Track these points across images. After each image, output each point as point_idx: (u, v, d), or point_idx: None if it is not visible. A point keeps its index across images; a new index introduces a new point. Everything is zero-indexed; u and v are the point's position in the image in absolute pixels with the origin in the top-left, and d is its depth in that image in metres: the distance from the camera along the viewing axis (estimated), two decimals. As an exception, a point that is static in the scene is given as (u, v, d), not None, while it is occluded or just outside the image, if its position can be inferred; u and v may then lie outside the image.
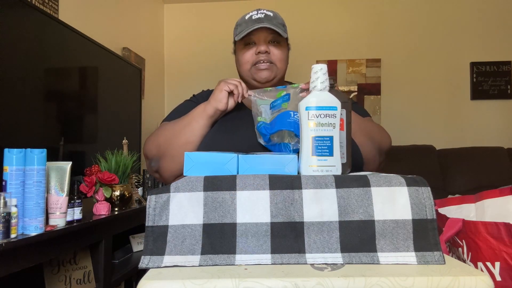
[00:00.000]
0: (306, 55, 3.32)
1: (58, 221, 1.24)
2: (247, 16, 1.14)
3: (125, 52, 2.81)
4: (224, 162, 0.72)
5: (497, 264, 0.96)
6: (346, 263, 0.61)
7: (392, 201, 0.64)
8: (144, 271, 0.61)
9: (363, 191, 0.64)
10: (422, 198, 0.64)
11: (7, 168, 1.07)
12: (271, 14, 1.13)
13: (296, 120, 0.91)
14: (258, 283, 0.53)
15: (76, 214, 1.35)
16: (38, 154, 1.11)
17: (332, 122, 0.73)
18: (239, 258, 0.61)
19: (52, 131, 1.71)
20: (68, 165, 1.25)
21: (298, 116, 0.83)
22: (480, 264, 0.99)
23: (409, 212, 0.63)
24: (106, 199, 1.62)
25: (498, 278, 0.96)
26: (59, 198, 1.23)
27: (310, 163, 0.72)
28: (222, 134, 1.06)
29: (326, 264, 0.60)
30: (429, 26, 3.40)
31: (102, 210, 1.57)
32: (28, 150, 1.10)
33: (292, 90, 1.00)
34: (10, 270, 1.07)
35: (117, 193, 1.69)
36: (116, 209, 1.69)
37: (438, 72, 3.38)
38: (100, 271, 1.57)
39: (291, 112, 0.93)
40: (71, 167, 1.26)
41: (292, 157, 0.74)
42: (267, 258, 0.61)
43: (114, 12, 2.72)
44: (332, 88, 0.82)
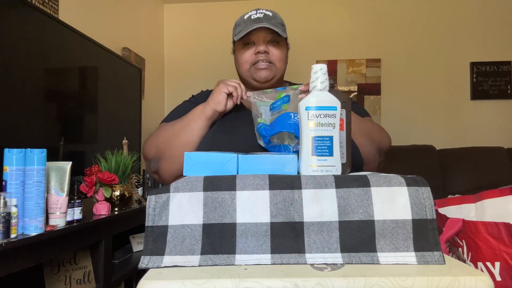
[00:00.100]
0: (306, 55, 3.32)
1: (58, 221, 1.24)
2: (246, 16, 1.13)
3: (125, 52, 2.81)
4: (224, 162, 0.72)
5: (497, 264, 0.96)
6: (346, 263, 0.61)
7: (392, 201, 0.64)
8: (144, 271, 0.61)
9: (363, 191, 0.64)
10: (422, 198, 0.64)
11: (7, 168, 1.07)
12: (270, 14, 1.13)
13: (297, 121, 0.90)
14: (258, 283, 0.53)
15: (76, 214, 1.35)
16: (38, 154, 1.11)
17: (332, 122, 0.73)
18: (239, 258, 0.61)
19: (52, 131, 1.71)
20: (68, 165, 1.25)
21: (298, 118, 0.83)
22: (480, 264, 0.99)
23: (409, 212, 0.63)
24: (106, 199, 1.62)
25: (498, 278, 0.96)
26: (59, 198, 1.23)
27: (310, 163, 0.72)
28: (222, 134, 1.06)
29: (326, 264, 0.60)
30: (429, 26, 3.40)
31: (102, 210, 1.57)
32: (28, 150, 1.10)
33: (291, 91, 1.00)
34: (10, 270, 1.07)
35: (117, 193, 1.69)
36: (116, 209, 1.69)
37: (438, 72, 3.38)
38: (100, 271, 1.57)
39: (291, 114, 0.93)
40: (71, 167, 1.26)
41: (292, 157, 0.73)
42: (267, 258, 0.61)
43: (114, 12, 2.72)
44: (332, 88, 0.82)
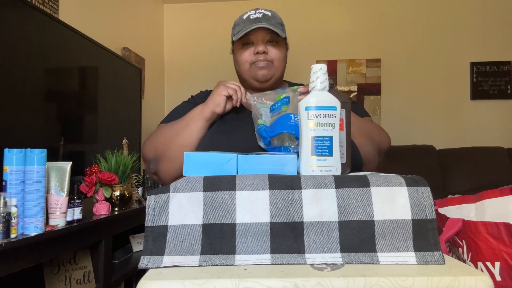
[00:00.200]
0: (306, 55, 3.32)
1: (58, 221, 1.24)
2: (245, 16, 1.13)
3: (125, 52, 2.81)
4: (224, 162, 0.72)
5: (497, 264, 0.96)
6: (345, 263, 0.60)
7: (392, 201, 0.64)
8: (144, 271, 0.61)
9: (362, 191, 0.64)
10: (422, 198, 0.64)
11: (7, 168, 1.07)
12: (269, 14, 1.12)
13: (297, 122, 0.90)
14: (258, 283, 0.53)
15: (76, 214, 1.35)
16: (38, 154, 1.11)
17: (331, 122, 0.73)
18: (239, 258, 0.61)
19: (52, 131, 1.71)
20: (68, 165, 1.25)
21: (298, 119, 0.83)
22: (480, 264, 0.99)
23: (408, 212, 0.63)
24: (106, 199, 1.63)
25: (498, 278, 0.96)
26: (59, 198, 1.23)
27: (309, 163, 0.72)
28: (222, 134, 1.06)
29: (325, 264, 0.60)
30: (429, 26, 3.40)
31: (102, 210, 1.57)
32: (28, 150, 1.10)
33: (291, 93, 1.00)
34: (10, 270, 1.07)
35: (117, 193, 1.69)
36: (116, 209, 1.69)
37: (438, 72, 3.38)
38: (100, 271, 1.57)
39: (291, 115, 0.93)
40: (71, 167, 1.26)
41: (291, 157, 0.73)
42: (266, 258, 0.61)
43: (114, 12, 2.72)
44: (332, 88, 0.82)
